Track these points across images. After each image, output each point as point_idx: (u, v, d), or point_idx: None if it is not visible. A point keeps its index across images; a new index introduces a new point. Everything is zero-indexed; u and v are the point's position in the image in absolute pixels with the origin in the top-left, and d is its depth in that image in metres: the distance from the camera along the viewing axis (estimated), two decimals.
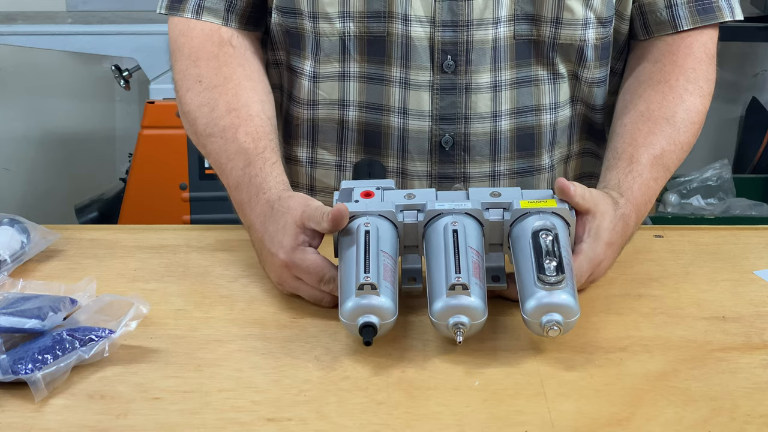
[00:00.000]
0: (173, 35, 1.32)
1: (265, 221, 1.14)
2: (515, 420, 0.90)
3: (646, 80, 1.29)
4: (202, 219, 2.75)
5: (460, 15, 1.25)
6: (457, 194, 1.09)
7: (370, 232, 1.03)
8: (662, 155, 1.23)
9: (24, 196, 3.36)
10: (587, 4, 1.26)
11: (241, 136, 1.22)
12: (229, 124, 1.23)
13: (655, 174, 1.21)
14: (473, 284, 0.98)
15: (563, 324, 0.97)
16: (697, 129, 1.28)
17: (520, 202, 1.06)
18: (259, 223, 1.15)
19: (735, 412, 0.92)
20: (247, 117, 1.24)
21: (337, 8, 1.26)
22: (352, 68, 1.29)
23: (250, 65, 1.30)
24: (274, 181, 1.18)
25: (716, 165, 3.22)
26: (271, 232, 1.12)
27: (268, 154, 1.21)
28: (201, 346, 1.02)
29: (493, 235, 1.08)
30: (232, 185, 1.22)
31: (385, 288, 0.98)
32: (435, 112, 1.29)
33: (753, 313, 1.10)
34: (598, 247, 1.09)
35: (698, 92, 1.28)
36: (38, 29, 2.79)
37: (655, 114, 1.25)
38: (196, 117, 1.27)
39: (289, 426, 0.90)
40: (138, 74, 2.85)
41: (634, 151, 1.22)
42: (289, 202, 1.12)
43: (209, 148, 1.25)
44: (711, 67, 1.31)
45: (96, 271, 1.19)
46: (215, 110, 1.25)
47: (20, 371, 0.93)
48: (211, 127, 1.25)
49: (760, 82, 3.45)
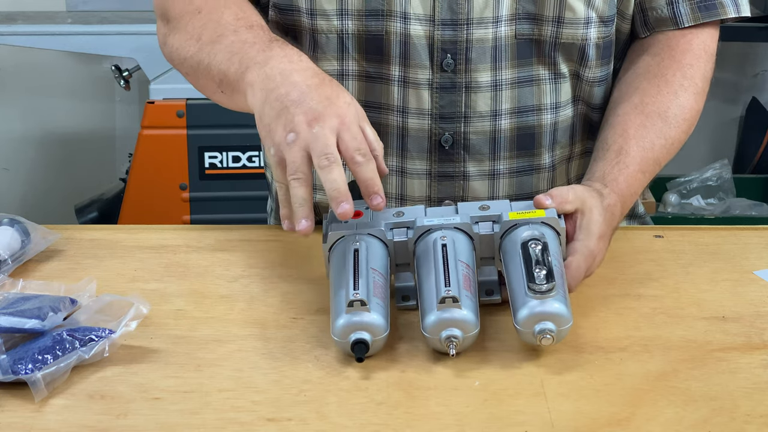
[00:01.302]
0: (156, 3, 1.29)
1: (290, 52, 1.09)
2: (515, 420, 0.90)
3: (643, 73, 1.29)
4: (202, 219, 2.75)
5: (460, 13, 1.25)
6: (446, 210, 1.09)
7: (359, 250, 1.03)
8: (652, 149, 1.23)
9: (24, 196, 3.37)
10: (589, 3, 1.26)
11: (257, 30, 1.17)
12: (241, 26, 1.17)
13: (644, 167, 1.22)
14: (464, 297, 0.98)
15: (556, 332, 0.97)
16: (688, 126, 1.29)
17: (509, 213, 1.06)
18: (281, 54, 1.09)
19: (735, 412, 0.92)
20: (259, 23, 1.19)
21: (335, 5, 1.26)
22: (350, 67, 1.29)
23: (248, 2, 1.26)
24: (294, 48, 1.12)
25: (716, 165, 3.22)
26: (305, 61, 1.07)
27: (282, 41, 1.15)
28: (201, 346, 1.02)
29: (484, 249, 1.08)
30: (255, 51, 1.11)
31: (375, 304, 0.98)
32: (435, 110, 1.29)
33: (753, 313, 1.10)
34: (591, 243, 1.09)
35: (693, 89, 1.28)
36: (38, 29, 2.80)
37: (649, 108, 1.26)
38: (200, 34, 1.20)
39: (289, 426, 0.90)
40: (138, 74, 2.85)
41: (623, 143, 1.22)
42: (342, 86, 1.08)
43: (219, 46, 1.17)
44: (709, 65, 1.31)
45: (96, 271, 1.19)
46: (222, 20, 1.19)
47: (20, 371, 0.93)
48: (220, 30, 1.18)
49: (760, 82, 3.45)
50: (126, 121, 3.32)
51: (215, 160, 2.73)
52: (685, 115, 1.27)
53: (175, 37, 1.26)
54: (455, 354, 0.97)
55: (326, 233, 1.07)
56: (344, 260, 1.03)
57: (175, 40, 1.26)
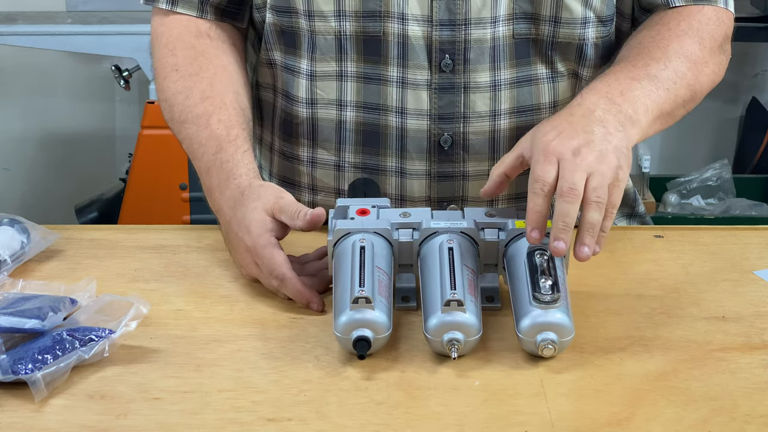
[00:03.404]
0: (154, 25, 1.35)
1: (234, 206, 1.16)
2: (515, 420, 0.90)
3: (642, 38, 1.25)
4: (202, 219, 2.75)
5: (458, 14, 1.25)
6: (453, 214, 1.10)
7: (365, 248, 1.04)
8: (647, 66, 1.18)
9: (24, 196, 3.36)
10: (586, 3, 1.26)
11: (214, 123, 1.24)
12: (202, 112, 1.25)
13: (634, 74, 1.16)
14: (468, 301, 0.98)
15: (558, 343, 0.97)
16: (692, 66, 1.22)
17: (515, 222, 1.06)
18: (228, 207, 1.17)
19: (735, 412, 0.92)
20: (221, 105, 1.26)
21: (333, 7, 1.26)
22: (349, 68, 1.29)
23: (227, 57, 1.32)
24: (245, 168, 1.20)
25: (716, 165, 3.22)
26: (239, 217, 1.15)
27: (240, 141, 1.23)
28: (201, 346, 1.02)
29: (487, 255, 1.08)
30: (203, 170, 1.24)
31: (379, 302, 0.99)
32: (433, 111, 1.29)
33: (753, 313, 1.10)
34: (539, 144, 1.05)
35: (697, 40, 1.24)
36: (38, 29, 2.80)
37: (646, 44, 1.22)
38: (172, 104, 1.29)
39: (289, 426, 0.90)
40: (138, 74, 2.85)
41: (611, 68, 1.19)
42: (260, 191, 1.15)
43: (183, 134, 1.28)
44: (718, 30, 1.27)
45: (96, 271, 1.19)
46: (189, 98, 1.27)
47: (20, 371, 0.93)
48: (185, 114, 1.27)
49: (760, 82, 3.45)
50: (126, 121, 3.32)
51: None
52: (687, 52, 1.22)
53: (156, 84, 1.34)
54: (456, 357, 0.98)
55: (332, 229, 1.07)
56: (350, 257, 1.03)
57: (156, 86, 1.34)
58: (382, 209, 1.11)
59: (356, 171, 1.33)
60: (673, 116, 1.21)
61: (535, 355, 0.99)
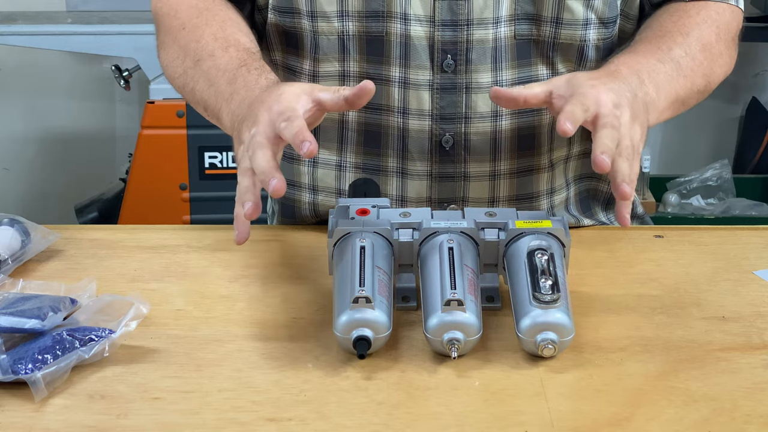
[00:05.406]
0: (154, 9, 1.33)
1: (268, 86, 1.11)
2: (515, 420, 0.90)
3: (664, 21, 1.28)
4: (202, 219, 2.75)
5: (460, 14, 1.25)
6: (453, 214, 1.10)
7: (365, 247, 1.04)
8: (670, 50, 1.21)
9: (24, 196, 3.37)
10: (588, 4, 1.26)
11: (233, 51, 1.21)
12: (218, 47, 1.22)
13: (659, 56, 1.19)
14: (468, 301, 0.98)
15: (558, 343, 0.97)
16: (708, 56, 1.25)
17: (515, 222, 1.07)
18: (258, 89, 1.12)
19: (735, 412, 0.92)
20: (235, 42, 1.23)
21: (336, 7, 1.26)
22: (351, 68, 1.29)
23: (233, 12, 1.29)
24: (274, 76, 1.16)
25: (716, 165, 3.22)
26: (271, 89, 1.09)
27: (262, 62, 1.19)
28: (201, 346, 1.02)
29: (487, 255, 1.08)
30: (224, 96, 1.17)
31: (379, 302, 0.99)
32: (435, 111, 1.29)
33: (753, 313, 1.10)
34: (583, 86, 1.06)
35: (714, 30, 1.27)
36: (38, 29, 2.80)
37: (669, 27, 1.24)
38: (186, 52, 1.25)
39: (289, 426, 0.90)
40: (138, 74, 2.85)
41: (635, 45, 1.21)
42: (295, 82, 1.11)
43: (198, 75, 1.22)
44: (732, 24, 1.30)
45: (96, 271, 1.19)
46: (201, 40, 1.24)
47: (20, 371, 0.93)
48: (199, 53, 1.23)
49: (760, 82, 3.45)
50: (126, 121, 3.32)
51: (215, 160, 2.73)
52: (705, 39, 1.25)
53: (164, 53, 1.30)
54: (456, 357, 0.98)
55: (332, 229, 1.07)
56: (350, 257, 1.03)
57: (164, 56, 1.30)
58: (383, 209, 1.11)
59: (357, 171, 1.33)
60: (685, 104, 1.24)
61: (535, 355, 0.99)
